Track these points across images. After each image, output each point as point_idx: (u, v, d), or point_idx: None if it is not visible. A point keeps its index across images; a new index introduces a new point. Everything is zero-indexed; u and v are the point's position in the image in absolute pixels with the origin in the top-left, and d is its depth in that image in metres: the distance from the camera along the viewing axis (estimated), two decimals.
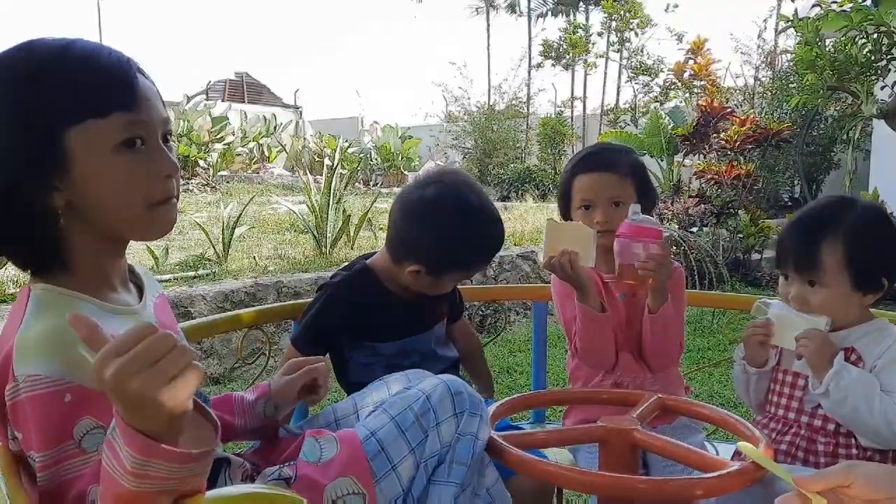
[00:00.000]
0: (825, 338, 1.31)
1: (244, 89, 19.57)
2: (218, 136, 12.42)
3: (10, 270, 4.27)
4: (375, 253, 1.65)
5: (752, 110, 9.22)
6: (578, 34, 14.96)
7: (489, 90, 15.75)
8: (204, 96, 14.48)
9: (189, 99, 13.09)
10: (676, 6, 14.77)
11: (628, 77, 15.15)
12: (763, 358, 1.42)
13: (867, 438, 1.29)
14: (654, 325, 1.60)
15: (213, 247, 5.03)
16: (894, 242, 1.38)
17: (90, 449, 0.82)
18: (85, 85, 0.87)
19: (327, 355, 1.59)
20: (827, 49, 4.67)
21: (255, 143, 13.64)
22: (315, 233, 5.33)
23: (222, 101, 16.12)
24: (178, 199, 0.96)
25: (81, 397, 0.83)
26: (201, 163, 11.94)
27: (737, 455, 1.42)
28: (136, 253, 5.36)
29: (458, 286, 1.78)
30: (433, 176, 1.58)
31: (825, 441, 1.33)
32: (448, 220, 1.49)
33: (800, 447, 1.36)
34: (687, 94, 12.56)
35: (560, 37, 15.18)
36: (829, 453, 1.32)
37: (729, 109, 7.88)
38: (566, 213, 1.75)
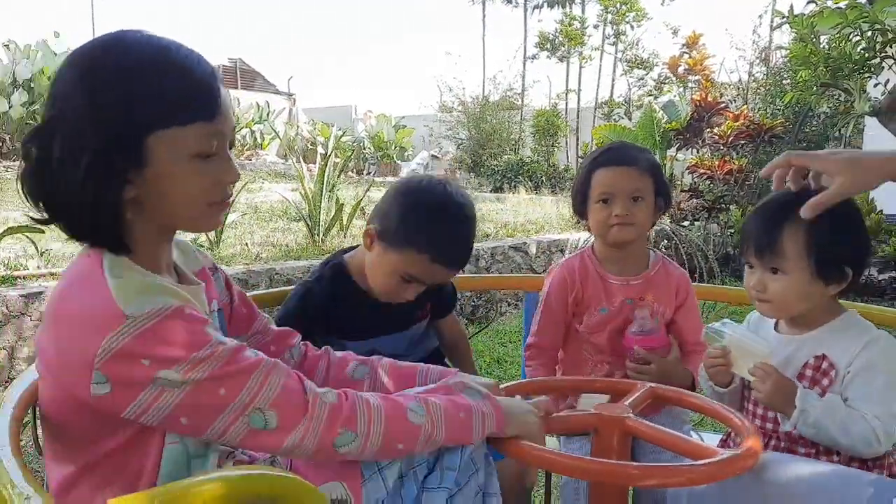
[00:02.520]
0: (778, 378, 1.27)
1: (237, 75, 19.45)
2: None
3: (1, 253, 4.25)
4: (358, 246, 1.64)
5: (745, 106, 9.24)
6: (574, 26, 14.92)
7: (484, 81, 15.72)
8: None
9: None
10: (672, 0, 14.77)
11: (623, 70, 15.14)
12: (728, 379, 1.39)
13: (848, 454, 1.27)
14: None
15: (206, 234, 5.01)
16: (860, 232, 1.35)
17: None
18: (175, 93, 0.93)
19: None
20: (821, 46, 4.68)
21: (247, 129, 13.56)
22: (308, 221, 5.32)
23: None
24: (229, 201, 1.05)
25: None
26: None
27: (723, 443, 1.43)
28: None
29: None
30: (438, 178, 1.63)
31: (805, 451, 1.31)
32: (423, 192, 1.52)
33: None
34: (681, 89, 12.58)
35: (556, 29, 15.15)
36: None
37: (723, 104, 7.89)
38: (582, 208, 1.75)
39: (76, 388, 0.87)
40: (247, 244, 5.20)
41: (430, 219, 1.48)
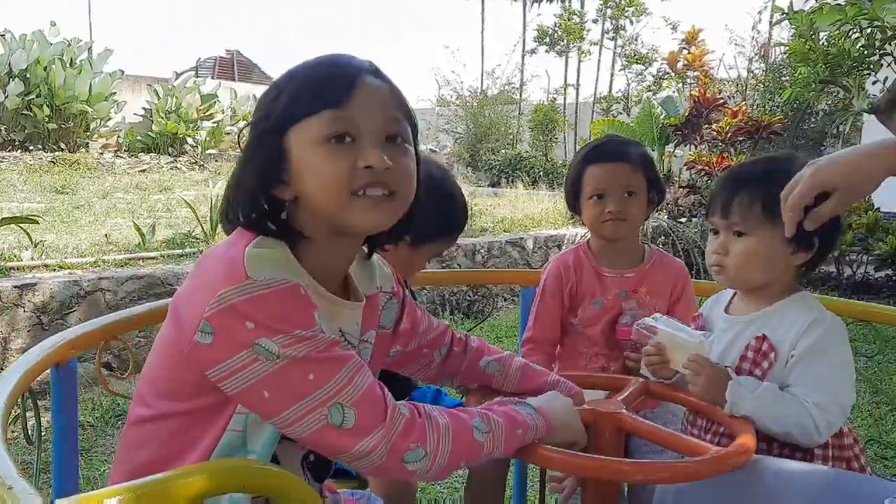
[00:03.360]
0: (710, 371, 1.24)
1: (234, 67, 19.41)
2: (207, 114, 12.31)
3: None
4: None
5: (744, 102, 9.23)
6: (573, 21, 14.90)
7: (482, 75, 15.70)
8: (193, 73, 14.32)
9: (178, 75, 12.96)
10: None
11: (622, 65, 15.13)
12: (670, 373, 1.34)
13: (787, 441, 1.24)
14: None
15: (201, 225, 5.00)
16: None
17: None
18: (307, 87, 0.96)
19: None
20: (820, 42, 4.68)
21: (244, 121, 13.53)
22: None
23: (212, 78, 15.94)
24: (397, 196, 0.98)
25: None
26: (189, 140, 11.84)
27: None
28: (122, 229, 5.33)
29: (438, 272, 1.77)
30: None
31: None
32: (434, 184, 1.50)
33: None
34: (680, 85, 12.57)
35: (555, 23, 15.12)
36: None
37: (721, 101, 7.88)
38: (575, 204, 1.75)
39: (183, 333, 0.89)
40: None
41: (451, 205, 1.55)
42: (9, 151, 9.74)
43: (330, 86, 0.95)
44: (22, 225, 4.03)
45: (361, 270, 1.11)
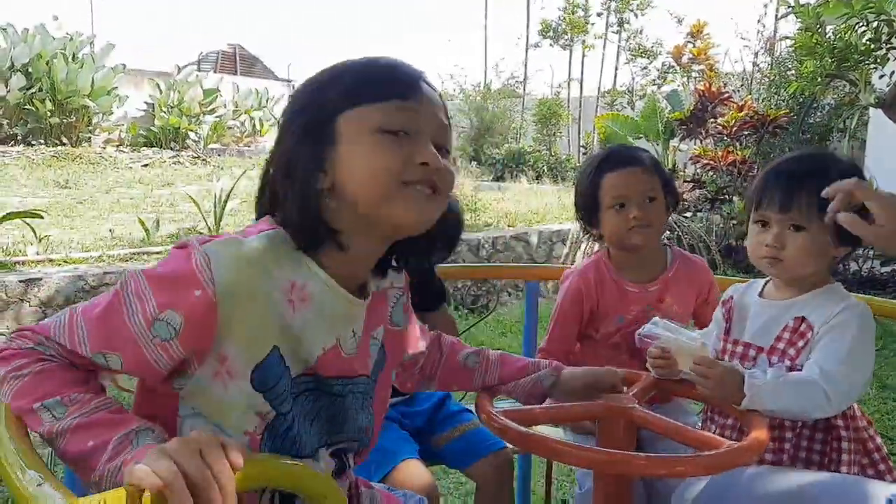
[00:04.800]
0: (719, 372, 1.23)
1: (237, 61, 19.37)
2: (209, 108, 12.29)
3: (1, 238, 4.24)
4: None
5: (749, 96, 9.19)
6: (577, 14, 14.85)
7: (486, 69, 15.67)
8: (195, 67, 14.31)
9: (180, 69, 12.93)
10: None
11: (626, 59, 15.08)
12: (678, 375, 1.36)
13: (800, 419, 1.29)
14: None
15: (205, 220, 4.99)
16: None
17: (153, 333, 0.85)
18: (365, 76, 0.94)
19: None
20: (827, 36, 4.65)
21: (246, 116, 13.51)
22: None
23: (214, 72, 15.92)
24: (440, 197, 0.95)
25: (202, 308, 0.84)
26: (192, 135, 11.83)
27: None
28: (126, 224, 5.32)
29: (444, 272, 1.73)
30: None
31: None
32: None
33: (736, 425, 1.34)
34: (685, 79, 12.53)
35: (559, 16, 15.07)
36: (774, 426, 1.29)
37: (726, 95, 7.85)
38: (591, 218, 1.68)
39: None
40: None
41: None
42: (11, 146, 9.75)
43: (397, 79, 0.94)
44: (26, 220, 4.02)
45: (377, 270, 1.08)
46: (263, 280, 0.88)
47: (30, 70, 10.05)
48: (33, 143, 10.06)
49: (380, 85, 0.93)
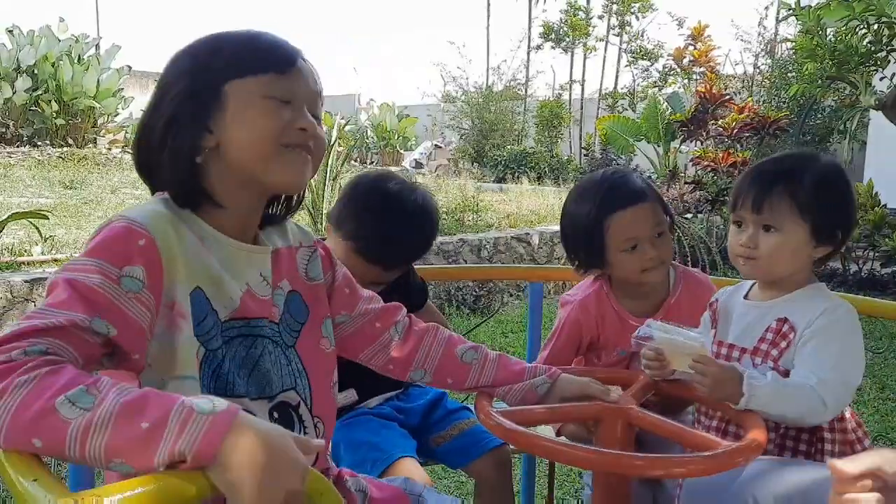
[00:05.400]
0: (717, 371, 1.23)
1: None
2: None
3: (6, 238, 4.26)
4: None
5: (750, 98, 9.20)
6: (579, 16, 14.85)
7: (487, 71, 15.67)
8: None
9: None
10: None
11: (628, 61, 15.09)
12: (670, 375, 1.36)
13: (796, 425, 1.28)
14: None
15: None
16: (851, 197, 1.39)
17: (125, 288, 0.88)
18: (252, 49, 1.02)
19: None
20: (827, 38, 4.66)
21: None
22: (311, 210, 5.32)
23: None
24: (314, 161, 1.06)
25: (150, 255, 0.91)
26: None
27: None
28: None
29: (425, 271, 1.76)
30: (380, 173, 1.65)
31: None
32: (380, 194, 1.55)
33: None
34: (686, 81, 12.53)
35: (560, 18, 15.08)
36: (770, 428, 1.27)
37: (727, 97, 7.87)
38: (591, 258, 1.56)
39: None
40: None
41: (394, 208, 1.54)
42: (17, 147, 9.78)
43: (275, 54, 1.03)
44: (32, 220, 4.05)
45: (275, 230, 1.15)
46: (179, 230, 0.96)
47: (36, 71, 10.08)
48: (39, 144, 10.09)
49: (259, 59, 1.01)
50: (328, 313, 1.18)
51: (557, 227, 5.96)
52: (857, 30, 4.34)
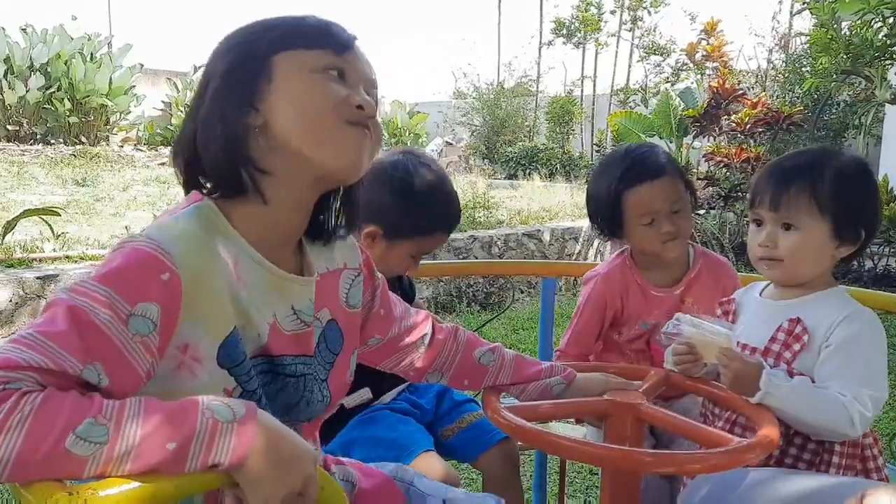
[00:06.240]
0: (738, 366, 1.21)
1: None
2: None
3: (18, 235, 4.29)
4: None
5: (763, 93, 9.13)
6: (591, 12, 14.78)
7: (499, 67, 15.64)
8: None
9: (197, 69, 13.01)
10: None
11: (640, 57, 14.99)
12: (699, 370, 1.33)
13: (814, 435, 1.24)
14: None
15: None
16: (875, 194, 1.33)
17: (132, 330, 0.77)
18: (303, 27, 0.93)
19: None
20: (842, 32, 4.61)
21: None
22: None
23: None
24: (374, 145, 0.94)
25: (171, 293, 0.80)
26: None
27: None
28: (143, 221, 5.37)
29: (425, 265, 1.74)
30: (399, 150, 1.59)
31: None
32: (410, 182, 1.49)
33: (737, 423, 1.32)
34: (699, 76, 12.44)
35: (572, 14, 15.01)
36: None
37: (740, 92, 7.80)
38: (613, 229, 1.61)
39: None
40: None
41: (430, 202, 1.49)
42: (30, 145, 9.86)
43: (334, 33, 0.93)
44: (44, 217, 4.08)
45: (320, 246, 1.04)
46: (213, 257, 0.85)
47: (49, 70, 10.16)
48: (52, 141, 10.17)
49: (317, 35, 0.92)
50: (358, 344, 1.12)
51: (569, 224, 5.95)
52: (872, 23, 4.29)
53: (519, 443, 1.63)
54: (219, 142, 0.88)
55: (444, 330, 1.27)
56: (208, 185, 0.92)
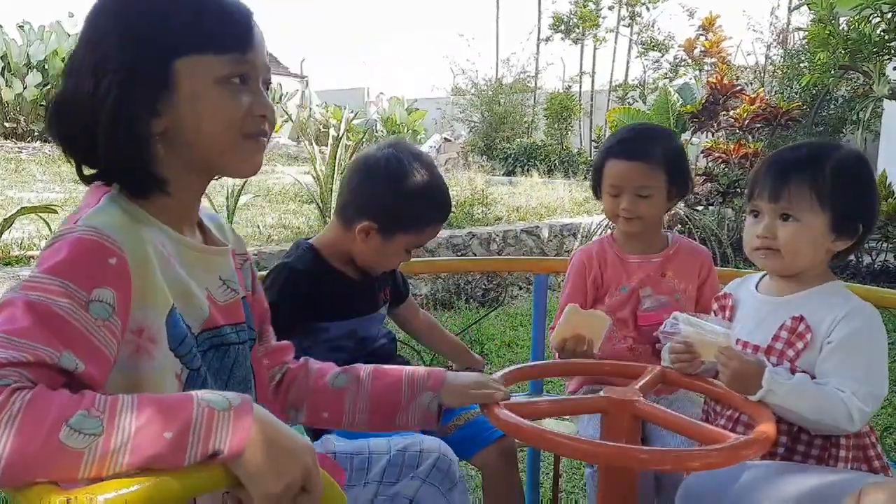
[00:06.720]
0: (738, 365, 1.21)
1: None
2: None
3: (15, 232, 4.29)
4: (313, 237, 1.65)
5: (762, 89, 9.12)
6: (589, 8, 14.75)
7: (497, 63, 15.61)
8: None
9: None
10: None
11: (638, 52, 14.97)
12: (697, 368, 1.33)
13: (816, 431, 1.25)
14: None
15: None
16: (874, 188, 1.34)
17: (94, 315, 0.78)
18: (210, 21, 0.90)
19: None
20: (840, 27, 4.61)
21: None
22: (319, 203, 5.32)
23: None
24: (268, 141, 0.98)
25: (121, 276, 0.81)
26: None
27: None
28: None
29: (418, 261, 1.79)
30: (387, 142, 1.61)
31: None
32: (403, 174, 1.51)
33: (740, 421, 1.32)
34: (697, 72, 12.43)
35: (570, 10, 14.98)
36: (782, 431, 1.27)
37: (739, 87, 7.77)
38: (595, 191, 1.78)
39: None
40: (258, 226, 5.22)
41: (423, 195, 1.53)
42: (28, 142, 9.84)
43: (233, 28, 0.92)
44: (41, 214, 4.07)
45: (217, 228, 1.07)
46: (143, 241, 0.86)
47: (46, 67, 10.14)
48: (49, 139, 10.15)
49: (216, 36, 0.90)
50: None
51: (567, 221, 5.96)
52: (870, 18, 4.29)
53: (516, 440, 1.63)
54: (121, 145, 0.87)
55: (300, 364, 1.22)
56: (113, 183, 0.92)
